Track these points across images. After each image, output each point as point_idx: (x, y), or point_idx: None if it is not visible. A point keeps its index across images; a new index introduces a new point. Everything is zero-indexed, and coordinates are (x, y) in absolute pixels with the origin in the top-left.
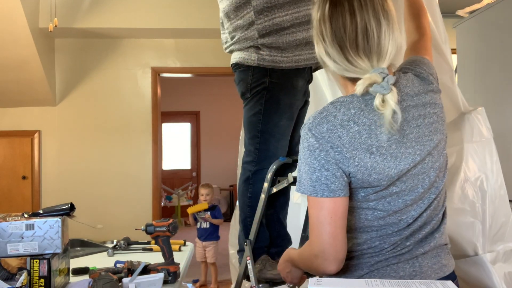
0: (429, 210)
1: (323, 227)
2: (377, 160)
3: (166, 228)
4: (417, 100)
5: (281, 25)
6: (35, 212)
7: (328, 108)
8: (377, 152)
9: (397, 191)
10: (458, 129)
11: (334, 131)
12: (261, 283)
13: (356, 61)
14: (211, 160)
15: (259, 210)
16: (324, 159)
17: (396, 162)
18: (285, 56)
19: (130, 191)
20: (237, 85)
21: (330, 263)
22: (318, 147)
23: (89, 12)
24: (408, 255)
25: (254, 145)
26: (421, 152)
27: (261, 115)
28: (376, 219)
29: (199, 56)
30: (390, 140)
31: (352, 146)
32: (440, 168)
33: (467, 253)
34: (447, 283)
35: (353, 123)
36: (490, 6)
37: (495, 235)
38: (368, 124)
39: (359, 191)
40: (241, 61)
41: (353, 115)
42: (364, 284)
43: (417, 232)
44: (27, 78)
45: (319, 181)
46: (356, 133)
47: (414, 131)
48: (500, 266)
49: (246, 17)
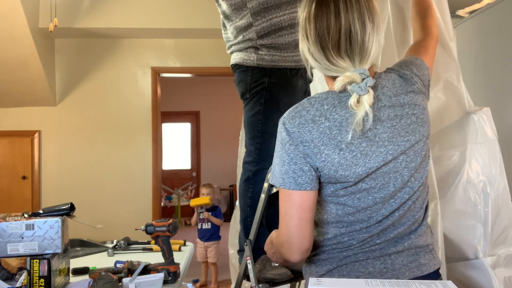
0: (402, 210)
1: (290, 218)
2: (346, 156)
3: (166, 228)
4: (394, 101)
5: (279, 25)
6: (35, 212)
7: (303, 103)
8: (346, 148)
9: (366, 188)
10: (462, 129)
11: (305, 125)
12: (261, 283)
13: (337, 61)
14: (211, 160)
15: (259, 210)
16: (293, 152)
17: (365, 160)
18: (285, 55)
19: (130, 191)
20: (236, 86)
21: (294, 252)
22: (289, 141)
23: (89, 12)
24: (378, 253)
25: (254, 145)
26: (394, 151)
27: (261, 115)
28: (345, 214)
29: (199, 56)
30: (361, 137)
31: (321, 142)
32: (416, 168)
33: (468, 256)
34: (447, 283)
35: (324, 119)
36: (490, 6)
37: (497, 238)
38: (339, 121)
39: (329, 186)
40: (240, 61)
41: (326, 111)
42: (364, 284)
43: (388, 231)
44: (27, 78)
45: (287, 174)
46: (327, 128)
47: (388, 131)
48: (501, 270)
49: (244, 19)
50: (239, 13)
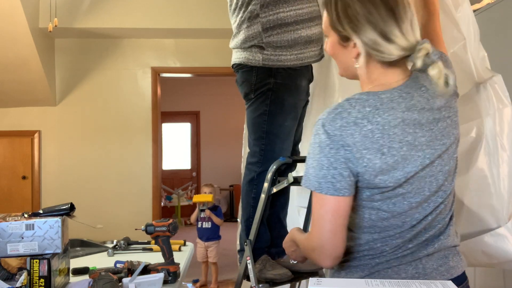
0: (435, 214)
1: (324, 223)
2: (387, 161)
3: (166, 228)
4: (432, 103)
5: (285, 20)
6: (35, 212)
7: (343, 105)
8: (388, 153)
9: (402, 192)
10: (474, 101)
11: (347, 128)
12: (261, 283)
13: (408, 33)
14: (211, 160)
15: (259, 210)
16: (333, 157)
17: (404, 164)
18: (290, 53)
19: (130, 191)
20: (239, 86)
21: (326, 258)
22: (329, 145)
23: (89, 12)
24: (410, 257)
25: (259, 146)
26: (431, 155)
27: (266, 116)
28: (379, 219)
29: (199, 56)
30: (402, 142)
31: (363, 145)
32: (449, 171)
33: (491, 226)
34: (447, 283)
35: (367, 122)
36: (490, 6)
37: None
38: (382, 124)
39: (365, 191)
40: (244, 61)
41: (368, 113)
42: (364, 284)
43: (420, 235)
44: (27, 78)
45: (325, 179)
46: (369, 132)
47: (426, 135)
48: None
49: (251, 9)
50: (248, 4)
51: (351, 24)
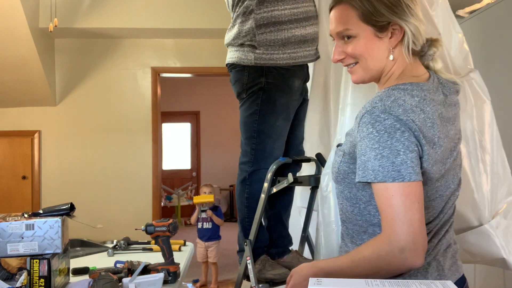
0: (452, 208)
1: (413, 214)
2: (436, 151)
3: (166, 228)
4: (449, 100)
5: (279, 18)
6: (35, 212)
7: (392, 94)
8: (437, 143)
9: (437, 186)
10: None
11: (409, 114)
12: (261, 283)
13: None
14: (211, 160)
15: (259, 210)
16: (407, 140)
17: (445, 152)
18: (282, 52)
19: (130, 191)
20: (232, 85)
21: (420, 254)
22: (400, 128)
23: (89, 12)
24: (432, 254)
25: (250, 146)
26: (454, 149)
27: (257, 115)
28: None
29: (199, 56)
30: (443, 133)
31: (422, 133)
32: (460, 165)
33: (472, 224)
34: (447, 283)
35: (420, 110)
36: (490, 6)
37: (498, 200)
38: (431, 113)
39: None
40: (237, 61)
41: (418, 102)
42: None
43: (443, 229)
44: (27, 78)
45: (405, 164)
46: (423, 120)
47: (452, 128)
48: (506, 225)
49: (247, 4)
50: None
51: (391, 9)
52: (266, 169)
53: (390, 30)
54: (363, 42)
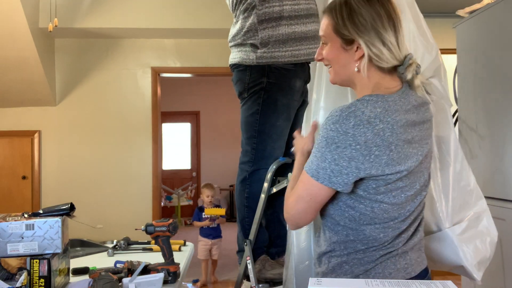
0: (420, 207)
1: (301, 202)
2: (393, 157)
3: (166, 228)
4: (420, 107)
5: (280, 14)
6: (35, 212)
7: (356, 104)
8: (395, 149)
9: (401, 186)
10: None
11: (361, 126)
12: (261, 283)
13: (402, 47)
14: (211, 160)
15: (259, 210)
16: (338, 155)
17: (406, 160)
18: (284, 50)
19: (130, 191)
20: (234, 85)
21: (290, 224)
22: (337, 143)
23: (89, 12)
24: (401, 250)
25: (251, 145)
26: (422, 153)
27: (258, 115)
28: (381, 211)
29: (199, 56)
30: (405, 140)
31: (374, 143)
32: (430, 168)
33: (431, 229)
34: (447, 283)
35: (379, 121)
36: (490, 6)
37: (460, 205)
38: (391, 123)
39: (371, 183)
40: (239, 61)
41: (379, 113)
42: (364, 284)
43: (410, 227)
44: (27, 78)
45: (324, 171)
46: (381, 130)
47: (419, 134)
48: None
49: (250, 1)
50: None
51: (357, 28)
52: (266, 169)
53: (355, 45)
54: (332, 50)
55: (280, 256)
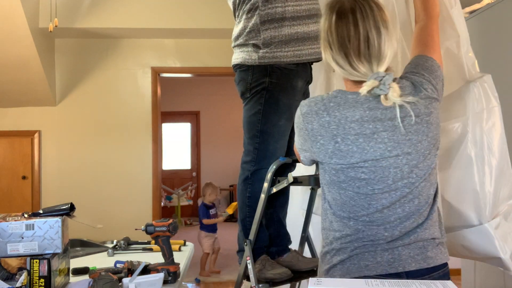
0: (405, 204)
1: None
2: (341, 148)
3: (166, 228)
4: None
5: (282, 15)
6: (35, 212)
7: (317, 97)
8: (342, 142)
9: (365, 178)
10: (462, 99)
11: (309, 115)
12: (261, 283)
13: (358, 66)
14: (211, 160)
15: (259, 210)
16: (298, 133)
17: (362, 153)
18: (286, 50)
19: (130, 191)
20: (237, 85)
21: None
22: (297, 124)
23: (89, 12)
24: (386, 245)
25: (253, 145)
26: (393, 148)
27: (261, 115)
28: (348, 198)
29: (199, 56)
30: (358, 134)
31: (319, 133)
32: (417, 166)
33: (472, 223)
34: (447, 283)
35: (326, 114)
36: (490, 6)
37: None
38: (339, 118)
39: (331, 169)
40: (242, 61)
41: (331, 108)
42: (364, 284)
43: (394, 224)
44: (27, 78)
45: (297, 143)
46: (326, 122)
47: (388, 129)
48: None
49: (254, 1)
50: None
51: (326, 47)
52: (268, 168)
53: None
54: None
55: (280, 256)
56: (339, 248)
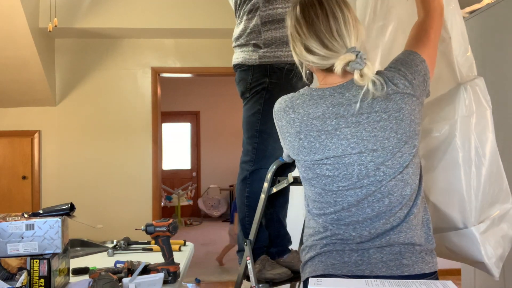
0: (375, 204)
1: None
2: (304, 145)
3: (166, 228)
4: (364, 99)
5: (283, 15)
6: (35, 212)
7: (287, 95)
8: (305, 139)
9: (330, 175)
10: (452, 101)
11: (279, 113)
12: (261, 283)
13: (332, 44)
14: (211, 160)
15: (259, 210)
16: (276, 127)
17: (325, 149)
18: (286, 50)
19: (130, 191)
20: (237, 85)
21: None
22: (273, 119)
23: (89, 12)
24: (355, 246)
25: (252, 145)
26: (357, 145)
27: (260, 115)
28: (317, 195)
29: (199, 56)
30: (320, 131)
31: (286, 130)
32: (384, 163)
33: (457, 226)
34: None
35: (292, 111)
36: (490, 6)
37: (487, 205)
38: (302, 115)
39: (300, 165)
40: (242, 61)
41: (296, 105)
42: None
43: (364, 224)
44: (27, 78)
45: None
46: (291, 119)
47: (351, 126)
48: (494, 231)
49: (254, 2)
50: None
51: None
52: (267, 168)
53: None
54: None
55: (280, 256)
56: (311, 245)
